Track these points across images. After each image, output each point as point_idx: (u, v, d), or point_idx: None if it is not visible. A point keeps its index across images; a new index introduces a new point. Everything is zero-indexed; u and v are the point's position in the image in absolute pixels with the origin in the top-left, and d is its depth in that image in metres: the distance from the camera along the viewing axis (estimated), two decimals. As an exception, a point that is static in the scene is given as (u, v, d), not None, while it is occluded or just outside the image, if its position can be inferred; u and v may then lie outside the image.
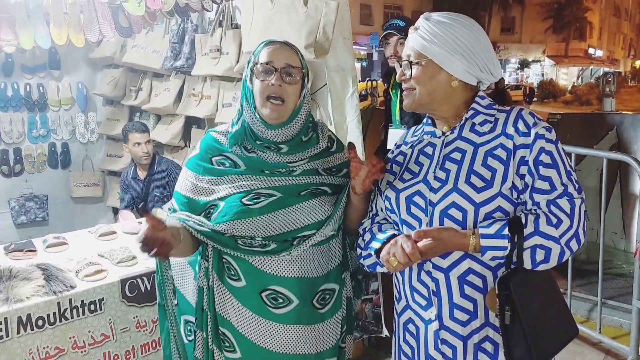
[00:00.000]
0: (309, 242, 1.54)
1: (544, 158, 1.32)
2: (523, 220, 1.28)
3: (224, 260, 1.58)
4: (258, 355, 1.58)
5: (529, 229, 1.27)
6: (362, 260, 1.56)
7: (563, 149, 1.36)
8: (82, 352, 2.06)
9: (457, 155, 1.40)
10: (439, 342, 1.40)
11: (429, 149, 1.48)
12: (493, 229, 1.29)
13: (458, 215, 1.34)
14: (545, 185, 1.31)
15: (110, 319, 2.12)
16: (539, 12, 39.19)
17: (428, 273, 1.40)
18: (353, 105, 2.60)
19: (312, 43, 2.44)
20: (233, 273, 1.57)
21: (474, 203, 1.33)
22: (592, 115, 4.75)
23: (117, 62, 4.10)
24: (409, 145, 1.55)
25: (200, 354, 1.62)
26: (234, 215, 1.51)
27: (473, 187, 1.33)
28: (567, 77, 39.22)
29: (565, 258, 1.31)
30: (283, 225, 1.52)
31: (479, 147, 1.38)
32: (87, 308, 2.06)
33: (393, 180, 1.52)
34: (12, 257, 2.38)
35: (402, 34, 2.73)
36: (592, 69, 39.04)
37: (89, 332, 2.07)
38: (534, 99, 28.29)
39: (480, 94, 1.46)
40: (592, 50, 42.89)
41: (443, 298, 1.38)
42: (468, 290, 1.36)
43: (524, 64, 40.89)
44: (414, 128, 1.60)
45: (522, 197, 1.34)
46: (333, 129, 2.54)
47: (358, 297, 1.80)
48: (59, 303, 2.00)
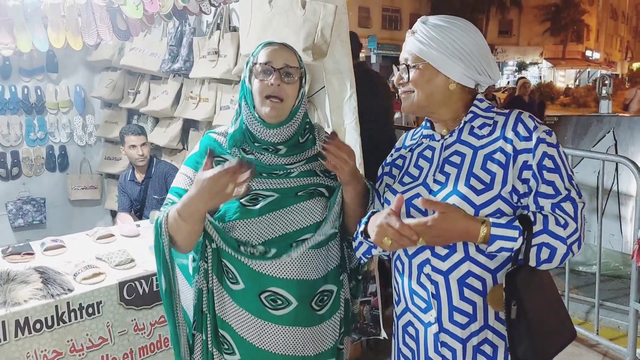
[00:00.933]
0: (309, 242, 1.54)
1: (547, 163, 1.33)
2: (532, 218, 1.29)
3: (223, 264, 1.58)
4: (257, 357, 1.58)
5: (538, 227, 1.27)
6: (357, 252, 1.57)
7: (564, 153, 1.37)
8: (80, 355, 2.06)
9: (456, 159, 1.41)
10: (439, 344, 1.40)
11: (428, 152, 1.48)
12: (504, 220, 1.29)
13: None
14: (550, 190, 1.31)
15: (108, 322, 2.11)
16: (537, 14, 39.33)
17: (427, 276, 1.40)
18: (351, 108, 2.60)
19: (310, 46, 2.44)
20: (231, 276, 1.57)
21: (474, 205, 1.33)
22: (589, 118, 4.75)
23: (115, 65, 4.10)
24: (408, 149, 1.56)
25: (200, 356, 1.62)
26: (233, 216, 1.52)
27: (473, 189, 1.33)
28: (564, 79, 39.32)
29: (566, 259, 1.32)
30: (282, 227, 1.53)
31: (478, 150, 1.39)
32: (85, 311, 2.06)
33: (393, 184, 1.52)
34: (9, 260, 2.38)
35: None
36: (589, 72, 39.17)
37: (87, 335, 2.07)
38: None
39: (479, 97, 1.47)
40: (589, 53, 43.04)
41: (442, 301, 1.38)
42: (467, 293, 1.36)
43: (522, 67, 41.00)
44: (413, 131, 1.61)
45: (522, 201, 1.34)
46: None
47: (356, 296, 1.80)
48: (57, 306, 1.99)
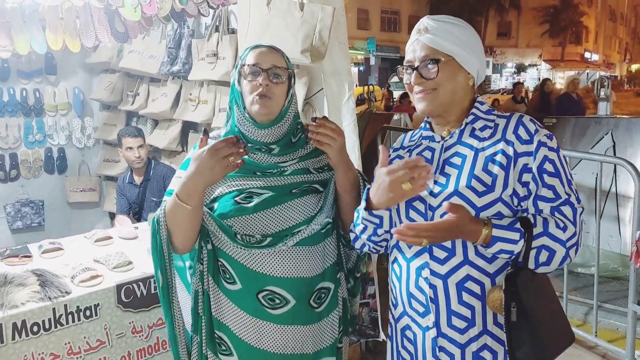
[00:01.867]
0: (305, 232, 1.55)
1: (548, 166, 1.32)
2: (532, 221, 1.28)
3: (219, 263, 1.59)
4: (255, 357, 1.59)
5: (539, 229, 1.27)
6: (357, 242, 1.57)
7: (564, 157, 1.37)
8: (77, 357, 2.05)
9: (457, 160, 1.40)
10: (437, 349, 1.39)
11: (428, 154, 1.48)
12: (505, 222, 1.28)
13: None
14: (550, 194, 1.31)
15: (106, 325, 2.11)
16: (535, 16, 39.39)
17: (426, 280, 1.39)
18: (349, 110, 2.60)
19: (308, 47, 2.44)
20: (228, 276, 1.58)
21: (475, 207, 1.32)
22: (587, 119, 4.75)
23: (113, 67, 4.10)
24: (407, 150, 1.56)
25: (196, 358, 1.63)
26: (229, 213, 1.54)
27: (474, 191, 1.33)
28: (563, 81, 39.33)
29: (564, 264, 1.32)
30: (277, 224, 1.55)
31: (479, 152, 1.38)
32: (82, 314, 2.05)
33: None
34: (7, 262, 2.37)
35: None
36: (588, 73, 39.17)
37: (85, 337, 2.06)
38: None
39: (480, 100, 1.47)
40: (588, 54, 43.12)
41: (441, 305, 1.37)
42: (466, 297, 1.35)
43: (521, 68, 41.04)
44: (411, 132, 1.61)
45: (522, 204, 1.34)
46: (329, 134, 2.54)
47: (355, 295, 1.80)
48: (54, 309, 1.99)
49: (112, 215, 4.26)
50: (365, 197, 1.46)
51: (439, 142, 1.46)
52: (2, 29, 2.79)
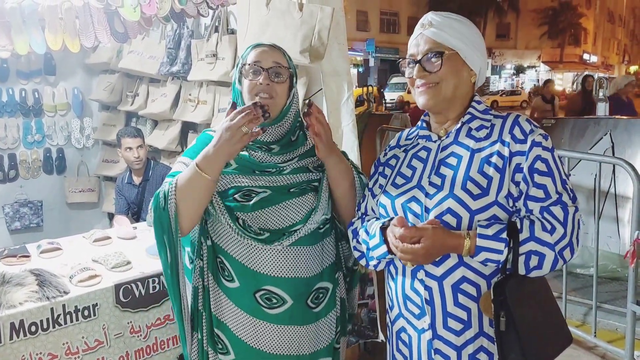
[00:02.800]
0: (302, 231, 1.55)
1: (540, 166, 1.31)
2: (518, 225, 1.27)
3: (218, 260, 1.58)
4: (252, 357, 1.58)
5: (525, 234, 1.26)
6: (364, 260, 1.55)
7: (559, 157, 1.36)
8: (75, 358, 2.04)
9: (452, 161, 1.39)
10: (432, 351, 1.39)
11: (423, 153, 1.47)
12: (492, 230, 1.27)
13: (452, 222, 1.33)
14: (540, 193, 1.30)
15: (104, 325, 2.10)
16: (534, 18, 39.44)
17: (421, 281, 1.38)
18: (348, 110, 2.60)
19: (307, 48, 2.45)
20: (227, 274, 1.58)
21: (470, 210, 1.32)
22: (586, 120, 4.76)
23: (113, 67, 4.10)
24: (402, 149, 1.55)
25: (196, 356, 1.63)
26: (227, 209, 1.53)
27: (469, 193, 1.32)
28: (562, 82, 39.39)
29: (558, 266, 1.30)
30: (275, 222, 1.55)
31: (475, 152, 1.37)
32: (80, 314, 2.05)
33: (385, 185, 1.51)
34: (5, 262, 2.37)
35: None
36: (586, 75, 39.21)
37: (83, 337, 2.06)
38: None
39: (477, 99, 1.46)
40: (586, 56, 43.17)
41: (436, 307, 1.37)
42: (462, 299, 1.35)
43: (520, 70, 41.08)
44: (408, 131, 1.60)
45: (517, 204, 1.33)
46: (328, 134, 2.54)
47: (352, 288, 1.79)
48: (52, 309, 1.98)
49: (110, 216, 4.26)
50: (382, 238, 1.43)
51: (436, 141, 1.46)
52: (1, 29, 2.78)
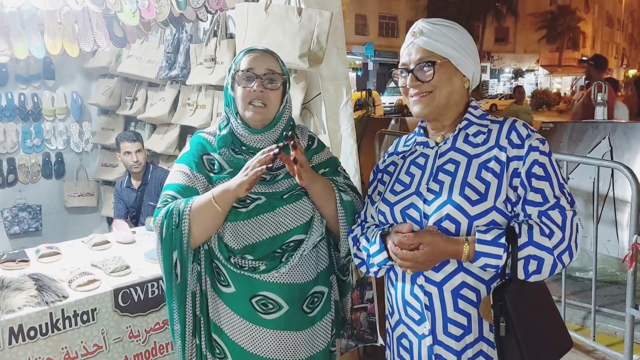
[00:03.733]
0: (296, 256, 1.55)
1: (537, 170, 1.32)
2: (517, 230, 1.28)
3: (213, 265, 1.58)
4: None
5: (523, 239, 1.27)
6: (364, 267, 1.55)
7: (556, 162, 1.36)
8: (74, 362, 2.04)
9: (450, 167, 1.39)
10: (433, 357, 1.39)
11: (421, 160, 1.47)
12: (490, 236, 1.28)
13: (451, 228, 1.33)
14: (538, 197, 1.30)
15: (103, 329, 2.10)
16: (533, 22, 39.52)
17: (421, 287, 1.38)
18: (347, 114, 2.61)
19: (306, 52, 2.45)
20: (223, 279, 1.58)
21: (468, 216, 1.32)
22: (584, 124, 4.76)
23: (112, 72, 4.11)
24: (401, 155, 1.55)
25: None
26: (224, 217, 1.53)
27: (467, 199, 1.32)
28: (560, 86, 39.46)
29: (557, 271, 1.30)
30: (271, 229, 1.54)
31: (473, 158, 1.38)
32: (79, 318, 2.05)
33: (384, 192, 1.51)
34: (4, 267, 2.37)
35: None
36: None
37: (82, 342, 2.06)
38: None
39: (473, 104, 1.46)
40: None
41: (437, 312, 1.37)
42: (462, 305, 1.35)
43: (518, 74, 41.15)
44: (406, 137, 1.60)
45: (515, 209, 1.33)
46: (327, 138, 2.54)
47: (344, 295, 1.79)
48: (51, 313, 1.98)
49: (109, 220, 4.26)
50: (383, 245, 1.43)
51: (433, 148, 1.46)
52: (0, 34, 2.79)
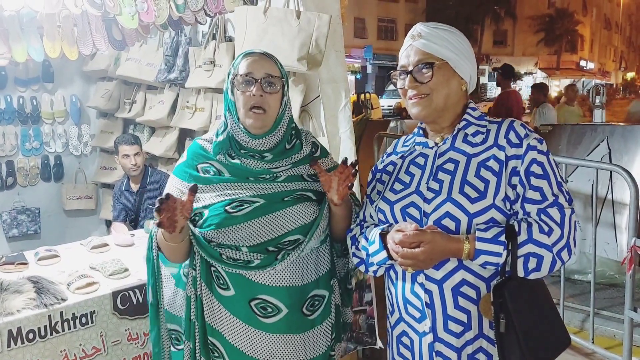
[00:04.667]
0: (293, 255, 1.55)
1: (535, 169, 1.33)
2: (516, 228, 1.29)
3: (213, 269, 1.58)
4: None
5: (523, 237, 1.28)
6: (363, 267, 1.55)
7: (554, 160, 1.38)
8: (73, 365, 2.04)
9: (450, 166, 1.41)
10: (434, 354, 1.40)
11: (421, 160, 1.48)
12: (490, 234, 1.29)
13: (451, 225, 1.35)
14: (537, 195, 1.32)
15: (102, 332, 2.10)
16: (531, 25, 39.60)
17: (421, 285, 1.39)
18: (346, 117, 2.61)
19: (304, 55, 2.46)
20: (222, 282, 1.57)
21: (468, 213, 1.33)
22: (583, 127, 4.77)
23: (111, 74, 4.11)
24: (400, 155, 1.56)
25: None
26: (218, 223, 1.53)
27: (467, 197, 1.34)
28: (559, 89, 39.53)
29: (557, 268, 1.32)
30: (268, 232, 1.54)
31: (472, 157, 1.39)
32: (78, 321, 2.05)
33: (383, 191, 1.52)
34: (3, 270, 2.37)
35: None
36: (583, 81, 39.39)
37: (80, 345, 2.05)
38: (527, 111, 28.46)
39: (472, 106, 1.48)
40: (583, 63, 43.35)
41: (437, 310, 1.38)
42: (462, 302, 1.36)
43: (517, 76, 41.21)
44: (404, 138, 1.61)
45: (514, 207, 1.35)
46: (326, 140, 2.55)
47: (347, 305, 1.80)
48: (50, 316, 1.98)
49: (108, 223, 4.25)
50: (383, 245, 1.44)
51: (433, 148, 1.47)
52: (-1, 37, 2.79)
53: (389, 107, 22.02)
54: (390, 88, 25.26)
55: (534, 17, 39.43)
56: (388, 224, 1.47)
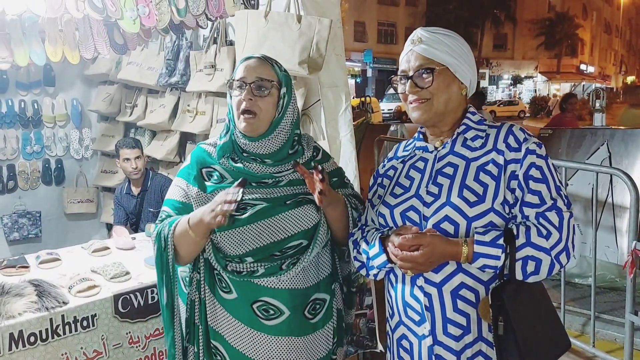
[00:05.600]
0: (298, 266, 1.55)
1: (534, 173, 1.34)
2: (515, 232, 1.30)
3: (215, 272, 1.59)
4: None
5: (521, 240, 1.29)
6: (364, 270, 1.55)
7: (553, 164, 1.39)
8: (74, 369, 2.04)
9: (449, 170, 1.42)
10: (433, 357, 1.40)
11: (421, 164, 1.49)
12: (489, 237, 1.30)
13: (450, 229, 1.35)
14: (535, 199, 1.33)
15: (103, 335, 2.10)
16: (531, 29, 39.67)
17: (421, 288, 1.40)
18: (346, 121, 2.62)
19: (305, 59, 2.47)
20: (224, 285, 1.58)
21: (467, 217, 1.34)
22: (583, 130, 4.78)
23: (112, 78, 4.12)
24: (400, 160, 1.57)
25: None
26: (223, 226, 1.52)
27: (466, 201, 1.34)
28: (559, 93, 39.58)
29: (555, 271, 1.32)
30: (271, 235, 1.54)
31: (471, 162, 1.40)
32: (79, 324, 2.05)
33: (384, 195, 1.53)
34: (4, 273, 2.37)
35: None
36: (584, 85, 39.47)
37: (82, 348, 2.06)
38: (527, 115, 28.55)
39: (471, 110, 1.49)
40: (583, 67, 43.39)
41: (436, 313, 1.38)
42: (461, 305, 1.37)
43: (517, 80, 41.27)
44: (405, 142, 1.62)
45: (513, 211, 1.35)
46: (326, 144, 2.55)
47: (350, 308, 1.80)
48: (51, 319, 1.99)
49: (109, 227, 4.26)
50: (382, 248, 1.44)
51: (432, 152, 1.48)
52: (1, 41, 2.80)
53: (389, 110, 22.04)
54: (390, 92, 25.32)
55: (534, 20, 39.50)
56: (388, 228, 1.47)
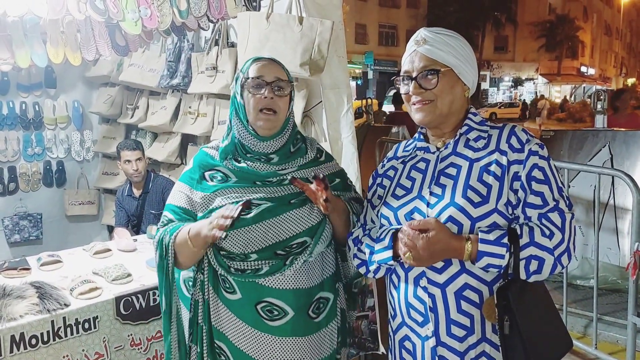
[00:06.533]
0: (300, 259, 1.56)
1: (537, 174, 1.34)
2: (518, 231, 1.30)
3: (219, 273, 1.59)
4: None
5: (525, 240, 1.29)
6: (363, 268, 1.55)
7: (555, 166, 1.39)
8: (75, 371, 2.04)
9: (452, 171, 1.41)
10: (437, 358, 1.40)
11: (422, 165, 1.49)
12: (493, 236, 1.30)
13: (454, 229, 1.35)
14: (538, 200, 1.33)
15: (105, 337, 2.10)
16: (532, 31, 39.66)
17: (424, 289, 1.40)
18: (348, 122, 2.61)
19: (307, 61, 2.46)
20: (228, 286, 1.58)
21: (471, 217, 1.34)
22: (584, 132, 4.77)
23: (113, 80, 4.12)
24: (400, 160, 1.57)
25: None
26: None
27: (470, 201, 1.34)
28: (560, 95, 39.61)
29: (556, 271, 1.33)
30: (276, 234, 1.55)
31: (474, 162, 1.40)
32: (81, 326, 2.05)
33: (385, 196, 1.52)
34: (5, 275, 2.37)
35: None
36: (584, 87, 39.46)
37: (83, 350, 2.05)
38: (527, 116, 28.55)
39: (473, 111, 1.49)
40: (584, 69, 43.38)
41: (440, 314, 1.38)
42: (465, 306, 1.36)
43: (518, 82, 41.28)
44: (405, 142, 1.62)
45: (516, 212, 1.35)
46: (328, 146, 2.55)
47: (352, 309, 1.81)
48: (53, 321, 1.98)
49: (110, 229, 4.25)
50: (391, 242, 1.44)
51: (434, 153, 1.48)
52: (3, 42, 2.80)
53: (390, 112, 22.02)
54: (391, 94, 25.31)
55: (535, 23, 39.50)
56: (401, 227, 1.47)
